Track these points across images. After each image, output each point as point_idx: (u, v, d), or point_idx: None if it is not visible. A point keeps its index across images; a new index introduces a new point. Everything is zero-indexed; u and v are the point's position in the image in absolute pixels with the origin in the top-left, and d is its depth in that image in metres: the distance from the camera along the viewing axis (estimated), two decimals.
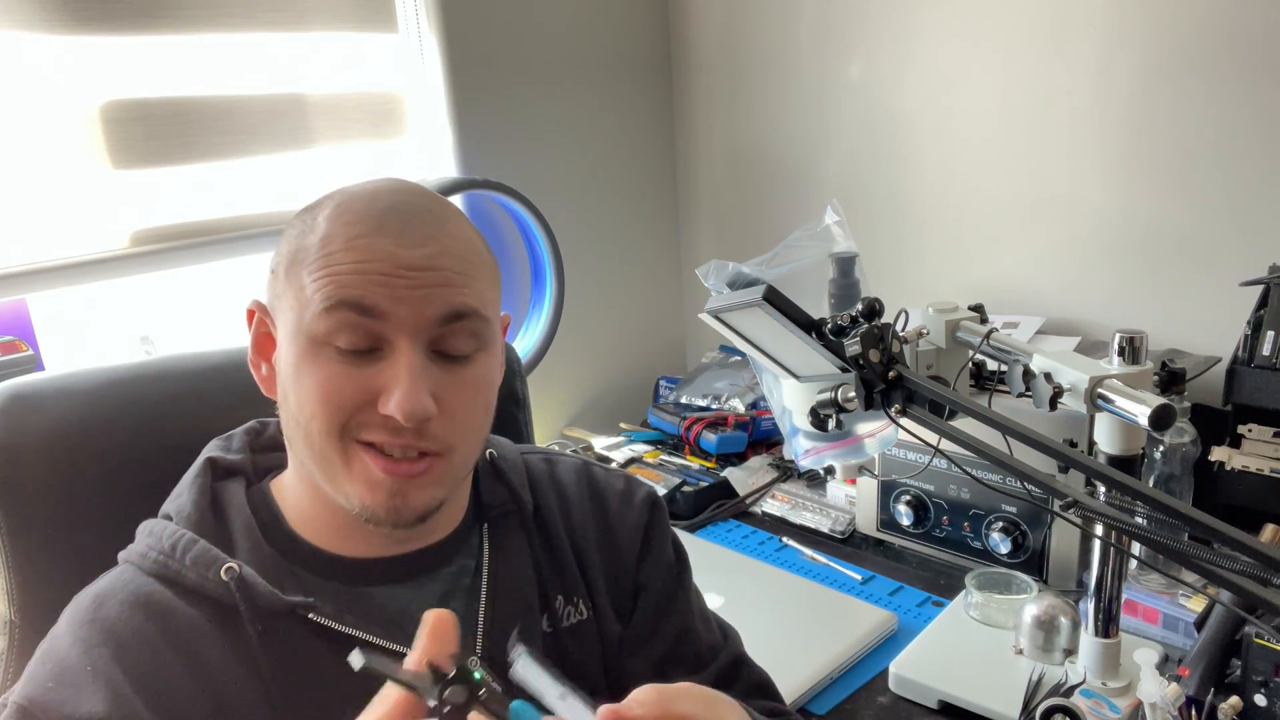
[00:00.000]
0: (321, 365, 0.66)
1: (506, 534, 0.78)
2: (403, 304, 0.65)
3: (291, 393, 0.67)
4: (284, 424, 0.71)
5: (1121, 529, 0.69)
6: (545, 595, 0.78)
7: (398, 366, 0.65)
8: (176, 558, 0.67)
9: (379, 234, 0.66)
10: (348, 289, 0.64)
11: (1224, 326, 1.44)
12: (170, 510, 0.72)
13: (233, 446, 0.78)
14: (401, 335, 0.65)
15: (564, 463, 0.87)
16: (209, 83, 1.44)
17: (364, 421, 0.66)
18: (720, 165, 2.12)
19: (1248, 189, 1.45)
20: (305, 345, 0.66)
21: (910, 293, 1.79)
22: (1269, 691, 0.95)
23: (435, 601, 0.73)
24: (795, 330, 0.80)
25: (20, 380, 0.84)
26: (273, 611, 0.67)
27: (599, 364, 2.10)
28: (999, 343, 0.90)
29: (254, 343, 0.73)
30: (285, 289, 0.68)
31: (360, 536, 0.72)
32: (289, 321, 0.68)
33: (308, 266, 0.66)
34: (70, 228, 1.34)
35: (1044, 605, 1.10)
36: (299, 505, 0.73)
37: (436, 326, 0.66)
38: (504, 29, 1.78)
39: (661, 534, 0.86)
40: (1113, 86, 1.55)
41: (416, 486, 0.67)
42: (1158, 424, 0.75)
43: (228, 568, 0.67)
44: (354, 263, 0.65)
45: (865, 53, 1.82)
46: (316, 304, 0.65)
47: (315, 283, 0.65)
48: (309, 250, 0.67)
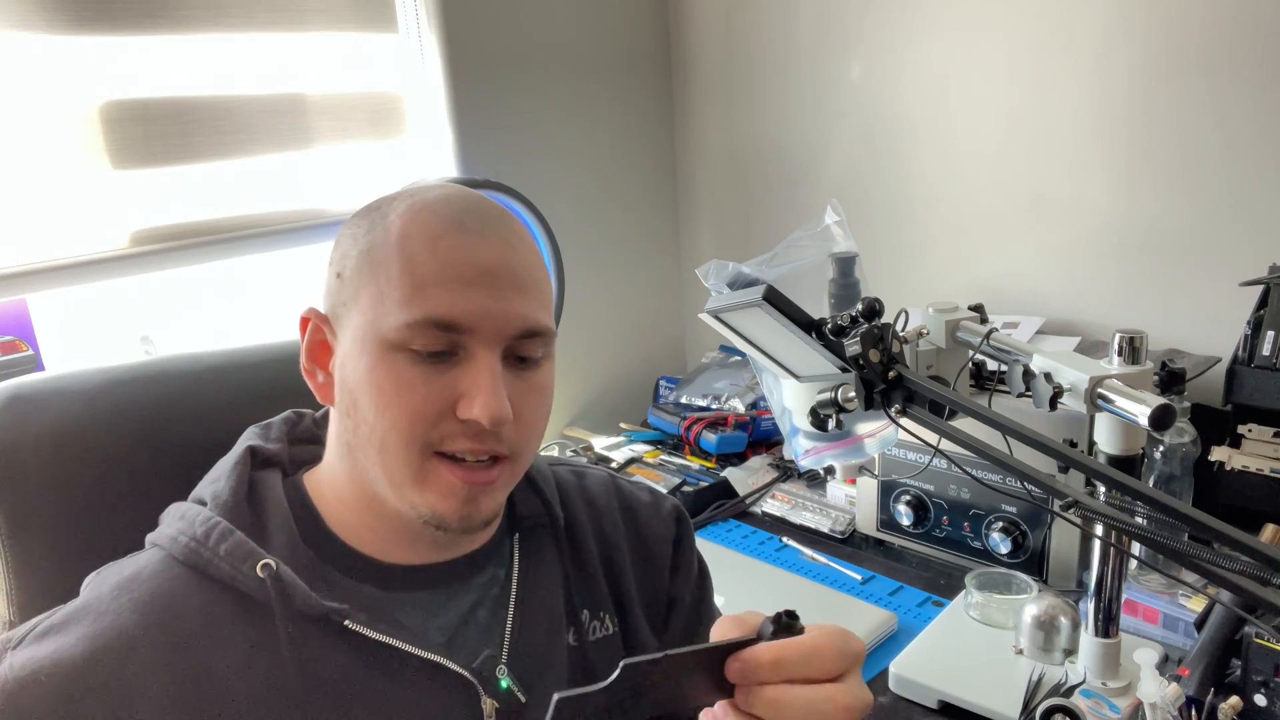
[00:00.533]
0: (400, 370, 0.65)
1: (538, 546, 0.78)
2: (486, 318, 0.65)
3: (365, 400, 0.66)
4: (350, 433, 0.69)
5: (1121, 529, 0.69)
6: (573, 609, 0.77)
7: (479, 371, 0.65)
8: (210, 546, 0.66)
9: (460, 233, 0.66)
10: (433, 299, 0.64)
11: (1224, 326, 1.44)
12: (205, 495, 0.71)
13: (271, 436, 0.77)
14: (480, 343, 0.65)
15: (592, 475, 0.87)
16: (209, 83, 1.44)
17: (445, 433, 0.65)
18: (720, 165, 2.12)
19: (1248, 189, 1.45)
20: (380, 350, 0.65)
21: (910, 293, 1.79)
22: (1269, 691, 0.95)
23: (465, 609, 0.73)
24: (795, 330, 0.80)
25: (20, 380, 0.84)
26: (307, 614, 0.66)
27: (599, 364, 2.10)
28: (999, 343, 0.90)
29: (308, 351, 0.71)
30: (358, 291, 0.67)
31: (403, 543, 0.71)
32: (359, 325, 0.66)
33: (385, 268, 0.65)
34: (70, 228, 1.34)
35: (1044, 605, 1.10)
36: (341, 505, 0.72)
37: (514, 339, 0.67)
38: (504, 29, 1.78)
39: (689, 547, 0.87)
40: (1112, 86, 1.55)
41: (488, 493, 0.68)
42: (1158, 424, 0.75)
43: (264, 564, 0.65)
44: (439, 266, 0.64)
45: (865, 53, 1.82)
46: (398, 313, 0.64)
47: (395, 285, 0.64)
48: (382, 249, 0.66)
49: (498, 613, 0.74)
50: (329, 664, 0.66)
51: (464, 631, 0.72)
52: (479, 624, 0.73)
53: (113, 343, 1.50)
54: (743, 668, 0.51)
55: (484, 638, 0.72)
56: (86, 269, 1.36)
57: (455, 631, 0.72)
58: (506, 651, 0.72)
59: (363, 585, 0.70)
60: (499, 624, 0.73)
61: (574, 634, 0.77)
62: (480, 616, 0.73)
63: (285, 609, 0.65)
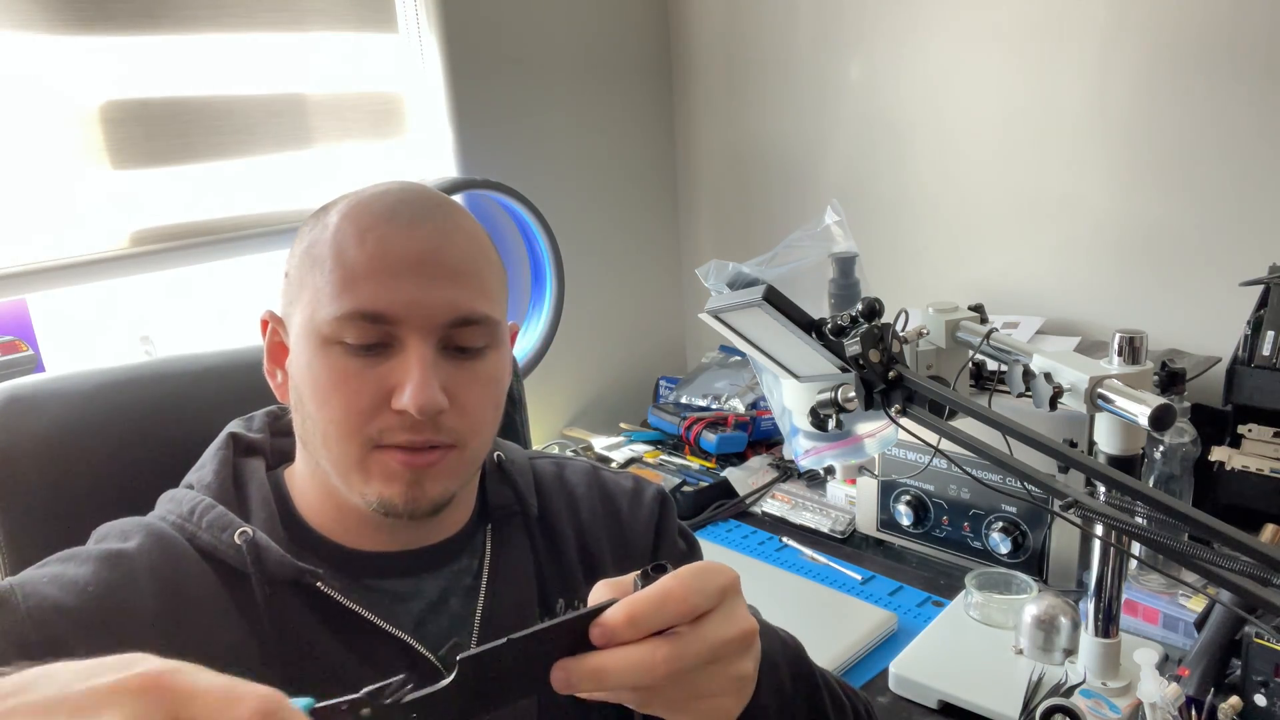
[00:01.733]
0: (334, 362, 0.66)
1: (510, 535, 0.79)
2: (414, 307, 0.65)
3: (307, 395, 0.68)
4: (299, 427, 0.71)
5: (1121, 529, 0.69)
6: (546, 598, 0.78)
7: (408, 362, 0.65)
8: (194, 521, 0.69)
9: (389, 223, 0.67)
10: (361, 291, 0.65)
11: (1224, 326, 1.44)
12: (192, 480, 0.74)
13: (254, 426, 0.79)
14: (412, 333, 0.66)
15: (573, 465, 0.88)
16: (209, 83, 1.44)
17: (382, 426, 0.66)
18: (720, 165, 2.12)
19: (1248, 189, 1.45)
20: (317, 344, 0.67)
21: (910, 293, 1.79)
22: (1269, 691, 0.95)
23: (434, 597, 0.74)
24: (795, 330, 0.80)
25: (17, 382, 0.84)
26: (281, 578, 0.68)
27: (599, 364, 2.10)
28: (999, 343, 0.90)
29: (268, 352, 0.74)
30: (300, 289, 0.69)
31: (368, 532, 0.73)
32: (301, 321, 0.68)
33: (320, 263, 0.67)
34: (70, 228, 1.34)
35: (1044, 605, 1.10)
36: (309, 496, 0.74)
37: (447, 328, 0.67)
38: (504, 29, 1.78)
39: (670, 527, 0.86)
40: (1112, 86, 1.55)
41: (431, 477, 0.68)
42: (1158, 424, 0.75)
43: (241, 532, 0.68)
44: (367, 257, 0.65)
45: (865, 53, 1.82)
46: (329, 306, 0.65)
47: (328, 280, 0.66)
48: (320, 246, 0.68)
49: (469, 602, 0.75)
50: (304, 629, 0.68)
51: (434, 619, 0.73)
52: (450, 612, 0.74)
53: (112, 343, 1.50)
54: (602, 632, 0.47)
55: (454, 626, 0.73)
56: (86, 269, 1.36)
57: (425, 618, 0.73)
58: (475, 640, 0.73)
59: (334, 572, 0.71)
60: (470, 613, 0.74)
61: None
62: (452, 605, 0.75)
63: (260, 572, 0.67)
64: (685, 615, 0.49)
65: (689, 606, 0.49)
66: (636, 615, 0.48)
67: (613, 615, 0.48)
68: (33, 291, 1.33)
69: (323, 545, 0.73)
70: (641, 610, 0.48)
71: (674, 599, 0.49)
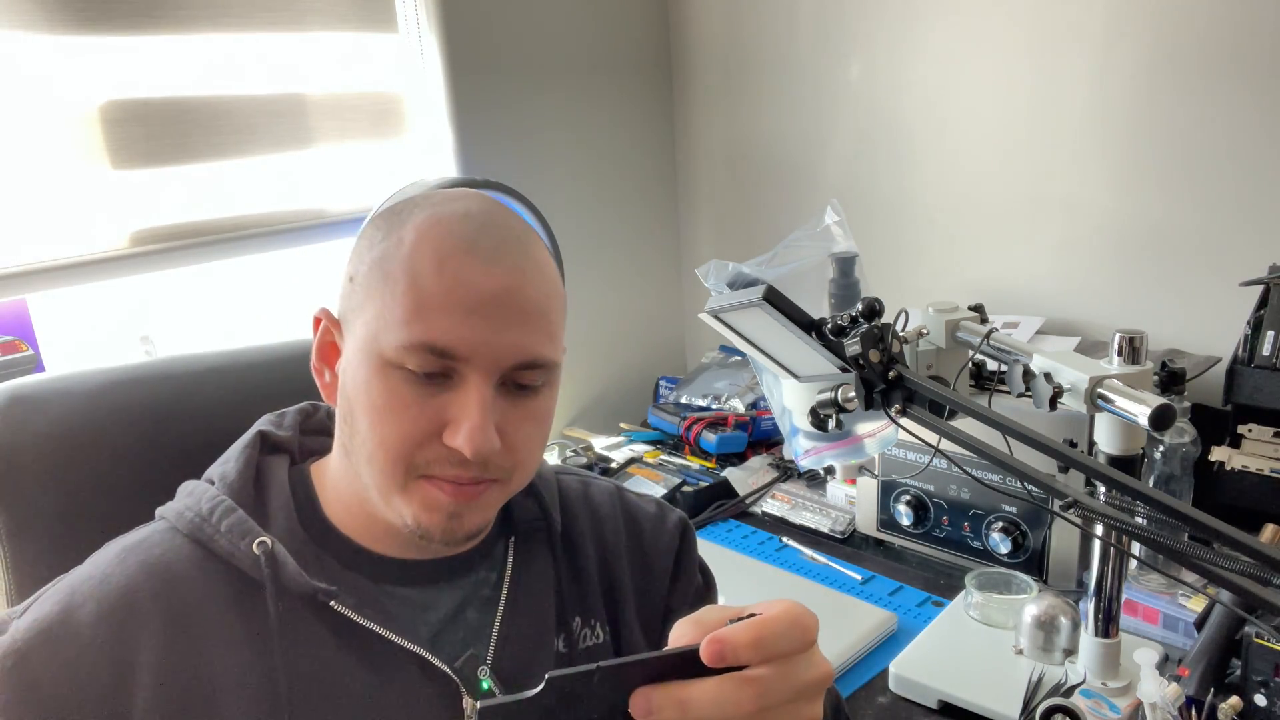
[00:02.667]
0: (393, 386, 0.65)
1: (532, 550, 0.78)
2: (483, 347, 0.64)
3: (360, 412, 0.67)
4: (346, 438, 0.70)
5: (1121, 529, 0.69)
6: (563, 615, 0.77)
7: (468, 400, 0.64)
8: (212, 523, 0.68)
9: (469, 255, 0.65)
10: (432, 323, 0.63)
11: (1224, 326, 1.44)
12: (214, 475, 0.73)
13: (284, 424, 0.79)
14: (475, 371, 0.65)
15: (598, 485, 0.87)
16: (209, 83, 1.44)
17: (430, 458, 0.65)
18: (720, 165, 2.12)
19: (1248, 189, 1.45)
20: (378, 364, 0.65)
21: (910, 293, 1.79)
22: (1269, 691, 0.95)
23: (453, 608, 0.74)
24: (795, 330, 0.80)
25: (19, 381, 0.84)
26: (296, 593, 0.67)
27: (599, 364, 2.10)
28: (999, 343, 0.90)
29: (318, 349, 0.73)
30: (365, 300, 0.67)
31: (393, 541, 0.73)
32: (363, 335, 0.67)
33: (392, 282, 0.65)
34: (70, 228, 1.34)
35: (1044, 605, 1.10)
36: (338, 494, 0.73)
37: (511, 370, 0.67)
38: (504, 29, 1.78)
39: (691, 559, 0.87)
40: (1112, 86, 1.55)
41: (473, 509, 0.68)
42: (1158, 424, 0.75)
43: (260, 541, 0.67)
44: (444, 289, 0.64)
45: (865, 53, 1.82)
46: (397, 332, 0.64)
47: (399, 303, 0.64)
48: (393, 262, 0.66)
49: (487, 614, 0.74)
50: (316, 647, 0.67)
51: (451, 630, 0.73)
52: (467, 624, 0.74)
53: (113, 343, 1.50)
54: (719, 650, 0.47)
55: (471, 638, 0.73)
56: (86, 269, 1.36)
57: (442, 629, 0.72)
58: (491, 653, 0.72)
59: (353, 574, 0.71)
60: (487, 625, 0.74)
61: (564, 640, 0.77)
62: (469, 616, 0.74)
63: (276, 586, 0.67)
64: (797, 650, 0.50)
65: (812, 636, 0.51)
66: (763, 639, 0.48)
67: (736, 633, 0.47)
68: (33, 291, 1.33)
69: (344, 545, 0.72)
70: (768, 635, 0.48)
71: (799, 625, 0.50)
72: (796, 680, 0.49)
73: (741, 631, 0.48)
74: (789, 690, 0.49)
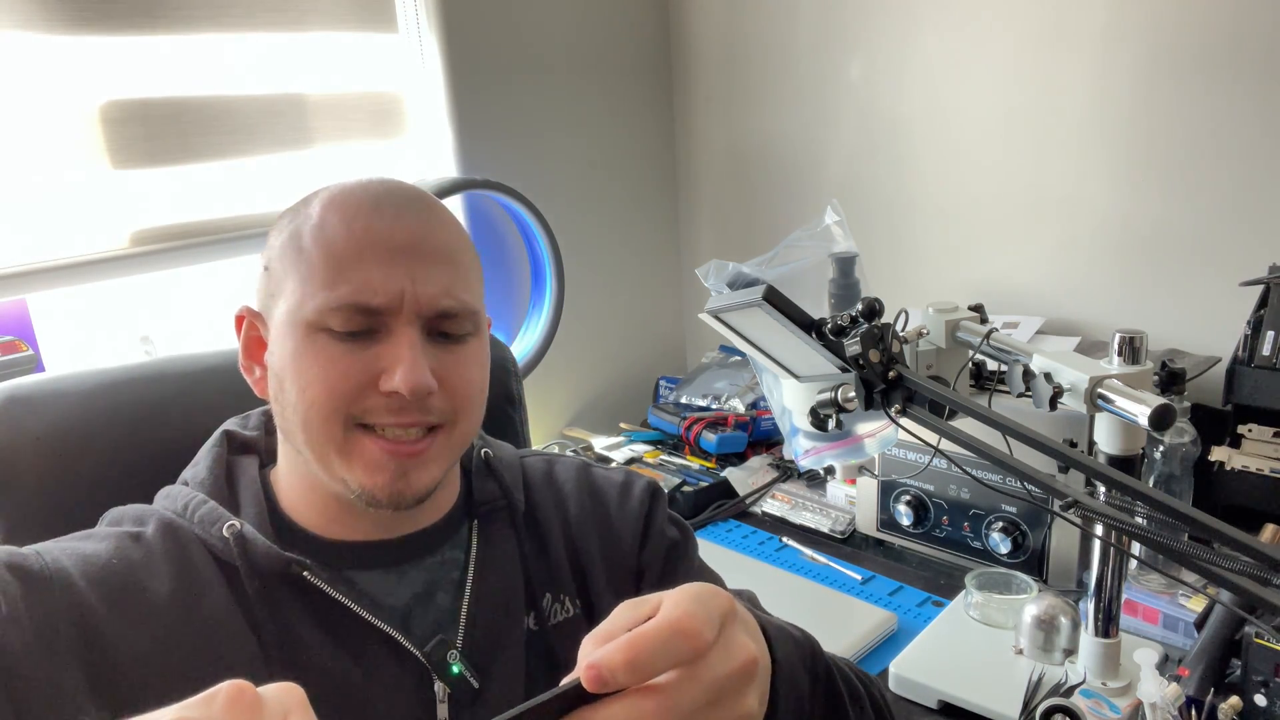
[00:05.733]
0: (320, 349, 0.67)
1: (496, 531, 0.79)
2: (404, 295, 0.66)
3: (290, 381, 0.68)
4: (280, 418, 0.72)
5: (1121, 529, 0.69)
6: (532, 593, 0.78)
7: (398, 346, 0.66)
8: (187, 516, 0.70)
9: (375, 212, 0.68)
10: (351, 279, 0.66)
11: (1224, 326, 1.44)
12: (187, 476, 0.75)
13: (249, 424, 0.80)
14: (400, 320, 0.67)
15: (563, 462, 0.88)
16: (209, 83, 1.44)
17: (367, 406, 0.67)
18: (720, 165, 2.12)
19: (1248, 189, 1.45)
20: (304, 332, 0.67)
21: (910, 293, 1.79)
22: (1269, 691, 0.95)
23: (419, 589, 0.74)
24: (795, 330, 0.80)
25: (17, 382, 0.84)
26: (269, 570, 0.68)
27: (599, 364, 2.10)
28: (999, 343, 0.90)
29: (244, 348, 0.74)
30: (283, 279, 0.69)
31: (347, 520, 0.73)
32: (285, 311, 0.68)
33: (305, 252, 0.67)
34: (70, 228, 1.34)
35: (1044, 605, 1.10)
36: (292, 487, 0.74)
37: (434, 316, 0.68)
38: (504, 29, 1.78)
39: (659, 518, 0.86)
40: (1112, 86, 1.55)
41: (418, 465, 0.69)
42: (1158, 424, 0.75)
43: (229, 525, 0.69)
44: (355, 246, 0.66)
45: (865, 53, 1.82)
46: (318, 296, 0.66)
47: (316, 270, 0.67)
48: (304, 235, 0.68)
49: (456, 597, 0.75)
50: (295, 623, 0.68)
51: (421, 612, 0.73)
52: (438, 607, 0.74)
53: (112, 343, 1.50)
54: (596, 676, 0.41)
55: (440, 621, 0.74)
56: (86, 269, 1.36)
57: (410, 611, 0.73)
58: (461, 637, 0.73)
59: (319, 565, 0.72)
60: (456, 609, 0.74)
61: (534, 618, 0.77)
62: (439, 600, 0.75)
63: (248, 565, 0.68)
64: (694, 653, 0.43)
65: (700, 642, 0.43)
66: (638, 659, 0.42)
67: (609, 657, 0.41)
68: (33, 291, 1.33)
69: (306, 539, 0.73)
70: (644, 651, 0.42)
71: (682, 634, 0.43)
72: (708, 678, 0.44)
73: (614, 653, 0.41)
74: (702, 691, 0.44)
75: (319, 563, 0.71)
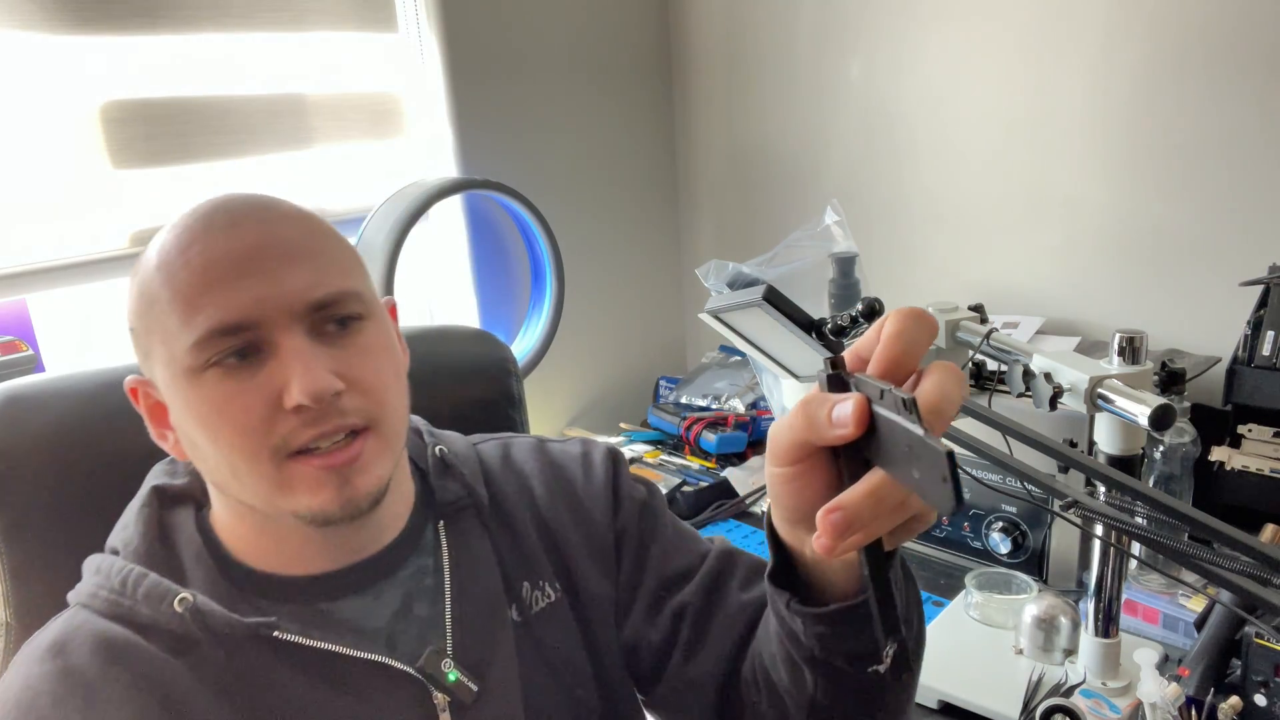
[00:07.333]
0: (211, 391, 0.63)
1: (464, 529, 0.77)
2: (266, 303, 0.62)
3: (199, 435, 0.64)
4: (207, 476, 0.68)
5: (1121, 529, 0.69)
6: (511, 585, 0.76)
7: (285, 356, 0.62)
8: (128, 594, 0.65)
9: (209, 232, 0.64)
10: (207, 309, 0.62)
11: (1224, 326, 1.44)
12: (117, 544, 0.70)
13: (178, 471, 0.76)
14: (276, 331, 0.63)
15: (518, 443, 0.85)
16: (209, 83, 1.44)
17: (283, 432, 0.63)
18: (720, 165, 2.12)
19: (1248, 189, 1.45)
20: (187, 380, 0.63)
21: (910, 293, 1.79)
22: (1269, 691, 0.95)
23: (398, 605, 0.72)
24: (795, 330, 0.80)
25: (16, 382, 0.84)
26: (235, 636, 0.65)
27: (599, 364, 2.10)
28: (999, 343, 0.90)
29: (149, 417, 0.69)
30: (148, 336, 0.65)
31: (307, 553, 0.70)
32: (164, 367, 0.65)
33: (157, 301, 0.63)
34: (70, 228, 1.34)
35: (1044, 605, 1.10)
36: (237, 535, 0.71)
37: (308, 313, 0.64)
38: (504, 29, 1.78)
39: (626, 481, 0.84)
40: (1113, 86, 1.55)
41: (357, 471, 0.65)
42: (1158, 424, 0.75)
43: (181, 599, 0.64)
44: (199, 272, 0.62)
45: (865, 53, 1.82)
46: (183, 337, 0.62)
47: (170, 311, 0.63)
48: (150, 285, 0.64)
49: (435, 604, 0.73)
50: (273, 679, 0.65)
51: (403, 628, 0.71)
52: (418, 618, 0.72)
53: (113, 343, 1.50)
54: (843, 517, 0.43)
55: (426, 632, 0.72)
56: (86, 269, 1.36)
57: (393, 629, 0.71)
58: (450, 643, 0.71)
59: (285, 605, 0.69)
60: (438, 615, 0.72)
61: (516, 609, 0.75)
62: (418, 610, 0.72)
63: (212, 636, 0.64)
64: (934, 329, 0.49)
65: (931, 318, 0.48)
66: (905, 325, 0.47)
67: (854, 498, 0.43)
68: (33, 291, 1.33)
69: (267, 582, 0.69)
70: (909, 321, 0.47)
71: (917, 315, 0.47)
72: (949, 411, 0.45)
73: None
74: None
75: (287, 603, 0.68)
